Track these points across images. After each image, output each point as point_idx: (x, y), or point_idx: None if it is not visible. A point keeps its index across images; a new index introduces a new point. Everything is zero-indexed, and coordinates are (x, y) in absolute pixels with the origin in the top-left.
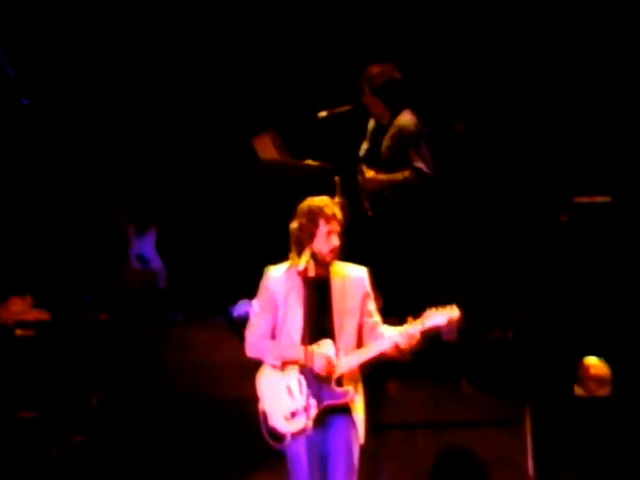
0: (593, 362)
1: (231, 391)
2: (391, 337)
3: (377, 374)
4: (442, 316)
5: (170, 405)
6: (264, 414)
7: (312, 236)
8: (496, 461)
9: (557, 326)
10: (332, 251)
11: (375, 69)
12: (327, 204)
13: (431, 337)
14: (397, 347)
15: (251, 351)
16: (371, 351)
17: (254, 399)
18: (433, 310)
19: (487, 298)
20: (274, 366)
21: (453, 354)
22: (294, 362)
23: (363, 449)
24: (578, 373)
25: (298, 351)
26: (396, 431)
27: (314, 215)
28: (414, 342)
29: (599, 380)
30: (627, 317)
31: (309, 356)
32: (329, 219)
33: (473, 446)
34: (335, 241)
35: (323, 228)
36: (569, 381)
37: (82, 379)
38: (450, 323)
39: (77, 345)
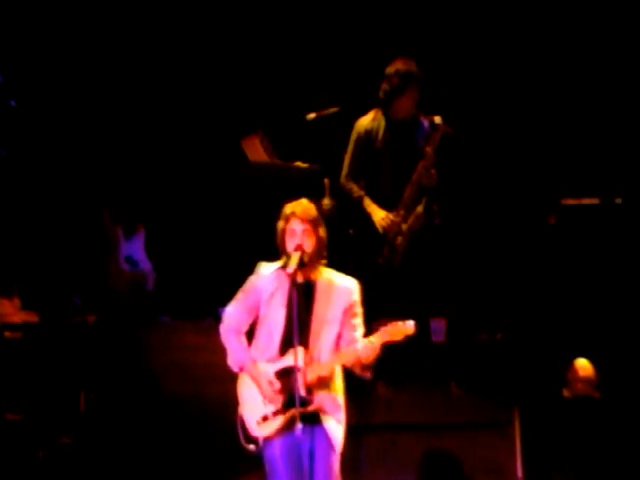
0: (582, 364)
1: (219, 393)
2: (354, 349)
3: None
4: (398, 333)
5: (158, 407)
6: (241, 418)
7: (282, 237)
8: (485, 463)
9: (546, 328)
10: (296, 250)
11: (414, 63)
12: (292, 204)
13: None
14: (359, 360)
15: (222, 337)
16: (335, 361)
17: (237, 400)
18: (391, 325)
19: (475, 300)
20: None
21: (442, 356)
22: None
23: (343, 454)
24: (567, 375)
25: (252, 369)
26: (384, 433)
27: (281, 216)
28: (374, 355)
29: (588, 382)
30: (615, 319)
31: (260, 379)
32: (288, 218)
33: (462, 448)
34: (297, 240)
35: (286, 227)
36: (558, 383)
37: (70, 381)
38: (405, 339)
39: (65, 347)
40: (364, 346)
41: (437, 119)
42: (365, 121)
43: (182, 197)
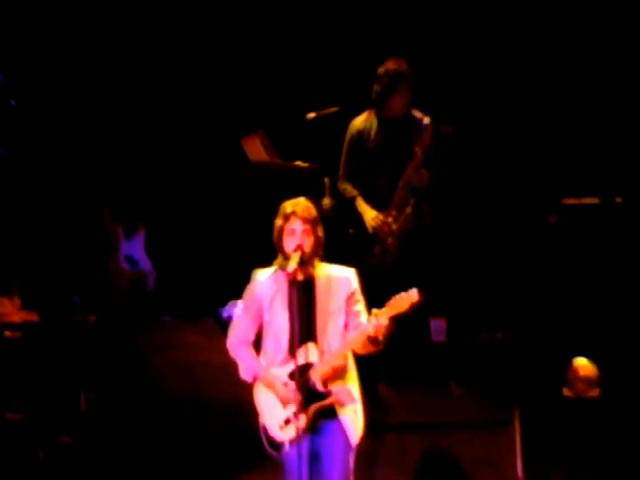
0: (582, 363)
1: (220, 393)
2: (361, 330)
3: (367, 377)
4: (403, 303)
5: (158, 407)
6: (264, 427)
7: (280, 235)
8: (485, 462)
9: (546, 327)
10: (296, 250)
11: (404, 62)
12: (291, 203)
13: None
14: (369, 338)
15: (230, 352)
16: (345, 347)
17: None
18: (396, 297)
19: (476, 300)
20: None
21: (442, 356)
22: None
23: (359, 449)
24: (567, 374)
25: (265, 376)
26: (385, 433)
27: (279, 214)
28: (383, 330)
29: (588, 381)
30: (616, 318)
31: (274, 383)
32: (288, 217)
33: (462, 448)
34: (297, 240)
35: (284, 226)
36: (558, 382)
37: (70, 381)
38: (412, 307)
39: (65, 347)
40: (370, 324)
41: (426, 120)
42: (358, 122)
43: (182, 197)
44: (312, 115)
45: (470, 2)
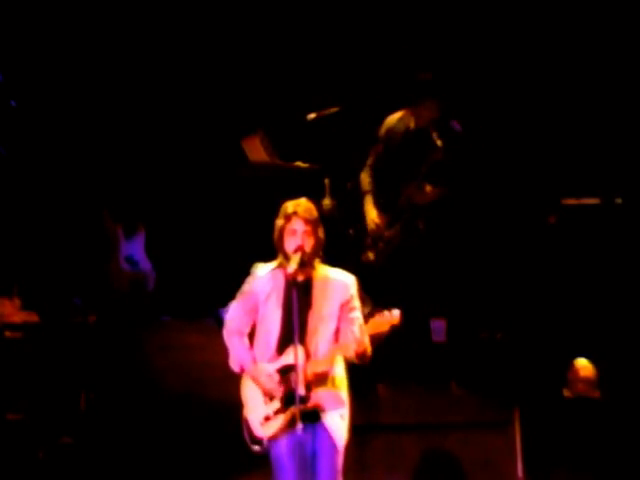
0: (582, 364)
1: (220, 393)
2: (342, 344)
3: (367, 377)
4: (383, 323)
5: (158, 407)
6: (246, 420)
7: (281, 235)
8: (485, 463)
9: (546, 328)
10: (296, 250)
11: (434, 78)
12: (293, 203)
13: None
14: (356, 353)
15: (225, 340)
16: (330, 356)
17: (241, 402)
18: (378, 315)
19: (476, 300)
20: None
21: (442, 356)
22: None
23: (347, 450)
24: (567, 375)
25: (251, 368)
26: (385, 433)
27: (280, 214)
28: (362, 349)
29: (588, 382)
30: (616, 319)
31: (259, 375)
32: (289, 217)
33: (462, 448)
34: (298, 240)
35: (286, 227)
36: (558, 383)
37: (70, 381)
38: (392, 328)
39: (65, 347)
40: (352, 340)
41: (439, 142)
42: (392, 119)
43: (182, 197)
44: (313, 115)
45: (471, 3)
